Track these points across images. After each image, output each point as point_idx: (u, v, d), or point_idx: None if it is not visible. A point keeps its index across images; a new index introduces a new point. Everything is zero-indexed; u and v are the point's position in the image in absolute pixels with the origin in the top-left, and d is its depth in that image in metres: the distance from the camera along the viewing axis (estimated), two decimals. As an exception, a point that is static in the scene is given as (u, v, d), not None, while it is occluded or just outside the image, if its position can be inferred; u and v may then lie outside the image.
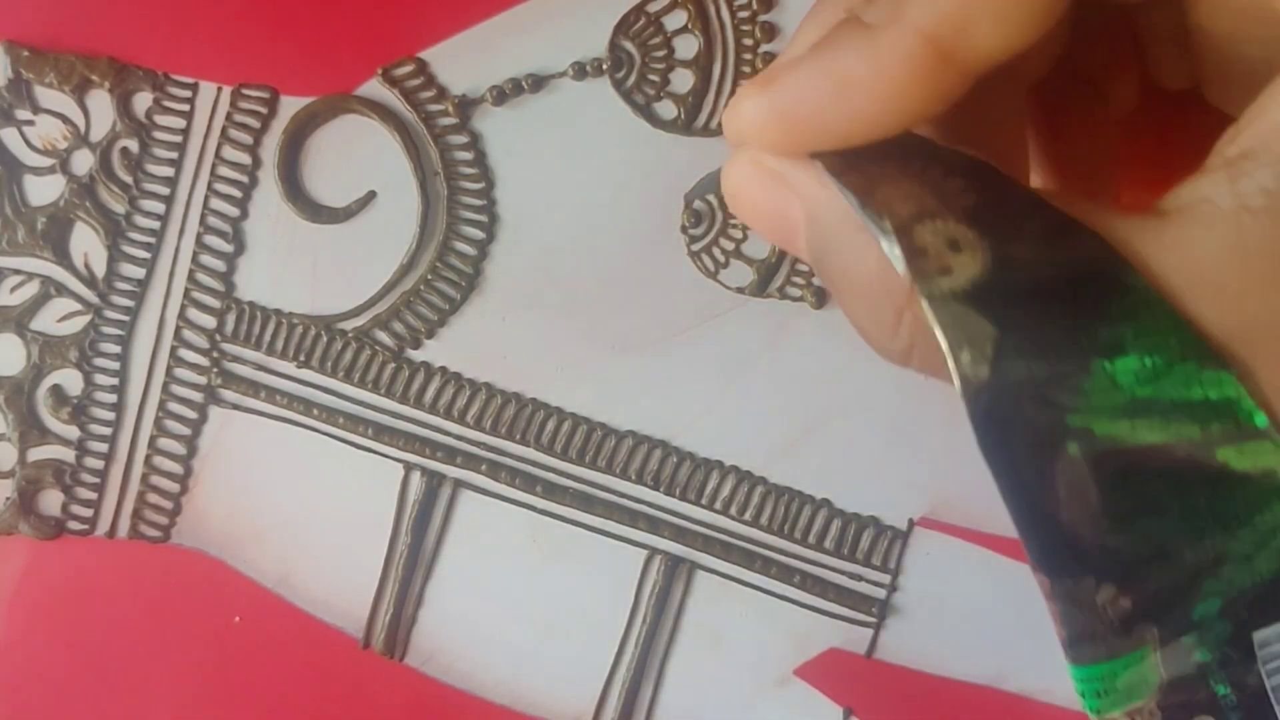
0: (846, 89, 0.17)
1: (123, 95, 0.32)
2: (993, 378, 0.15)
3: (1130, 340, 0.16)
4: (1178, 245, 0.16)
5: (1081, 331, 0.16)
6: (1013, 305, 0.16)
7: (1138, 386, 0.16)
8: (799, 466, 0.34)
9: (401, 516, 0.33)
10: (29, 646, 0.33)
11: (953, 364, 0.15)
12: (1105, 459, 0.16)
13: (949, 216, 0.16)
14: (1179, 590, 0.16)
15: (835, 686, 0.34)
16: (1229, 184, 0.16)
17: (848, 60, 0.17)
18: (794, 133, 0.18)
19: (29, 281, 0.33)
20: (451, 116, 0.33)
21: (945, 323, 0.16)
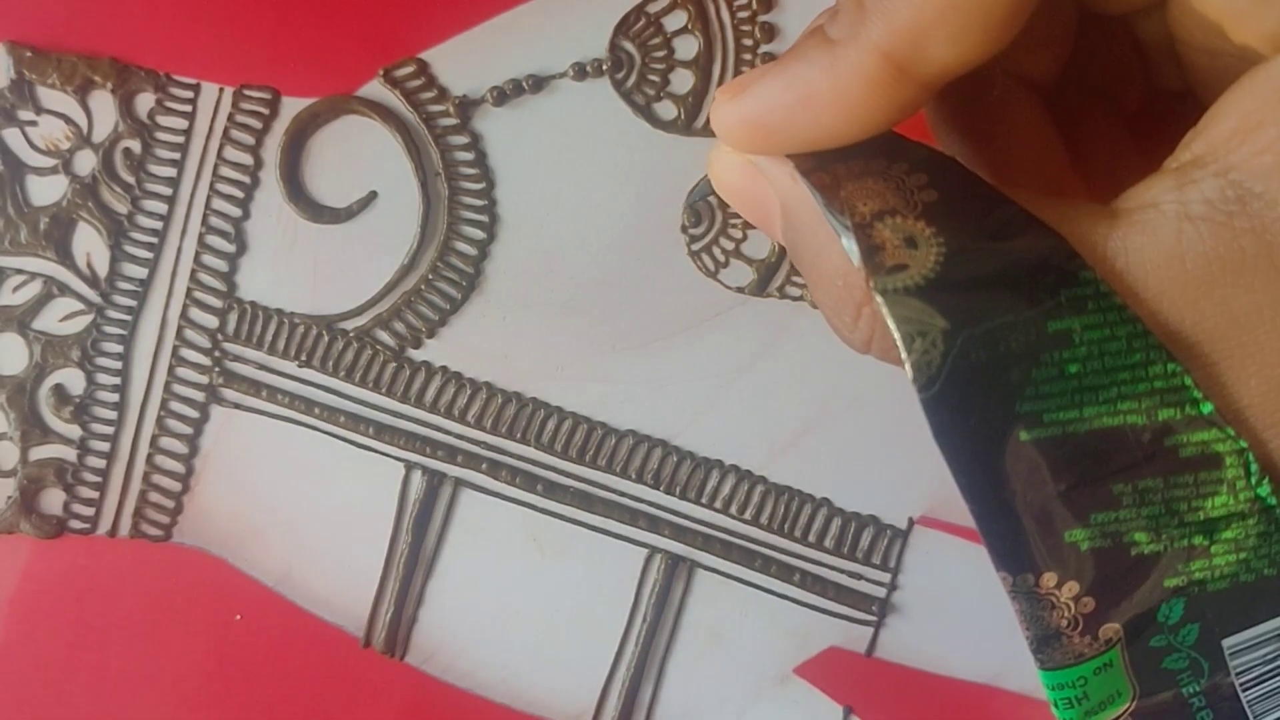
0: (809, 101, 0.18)
1: (125, 96, 0.33)
2: (943, 368, 0.16)
3: (1079, 332, 0.16)
4: (1125, 249, 0.17)
5: (1031, 324, 0.16)
6: (964, 299, 0.16)
7: (1086, 376, 0.16)
8: (799, 465, 0.34)
9: (402, 515, 0.33)
10: (30, 645, 0.33)
11: (905, 355, 0.16)
12: (1056, 445, 0.16)
13: (908, 214, 0.17)
14: (1140, 587, 0.17)
15: (835, 685, 0.34)
16: (1176, 190, 0.17)
17: (811, 73, 0.18)
18: (762, 139, 0.19)
19: (31, 281, 0.33)
20: (452, 117, 0.33)
21: (898, 316, 0.16)
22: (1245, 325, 0.16)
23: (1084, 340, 0.16)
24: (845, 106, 0.18)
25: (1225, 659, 0.17)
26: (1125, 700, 0.17)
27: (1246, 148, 0.16)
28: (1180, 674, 0.17)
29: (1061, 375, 0.16)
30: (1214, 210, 0.16)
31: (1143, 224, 0.17)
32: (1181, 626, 0.17)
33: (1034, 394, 0.16)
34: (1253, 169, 0.16)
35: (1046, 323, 0.16)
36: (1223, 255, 0.16)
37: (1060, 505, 0.16)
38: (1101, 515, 0.16)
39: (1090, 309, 0.16)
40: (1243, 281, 0.16)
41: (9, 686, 0.33)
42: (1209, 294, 0.16)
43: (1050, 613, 0.16)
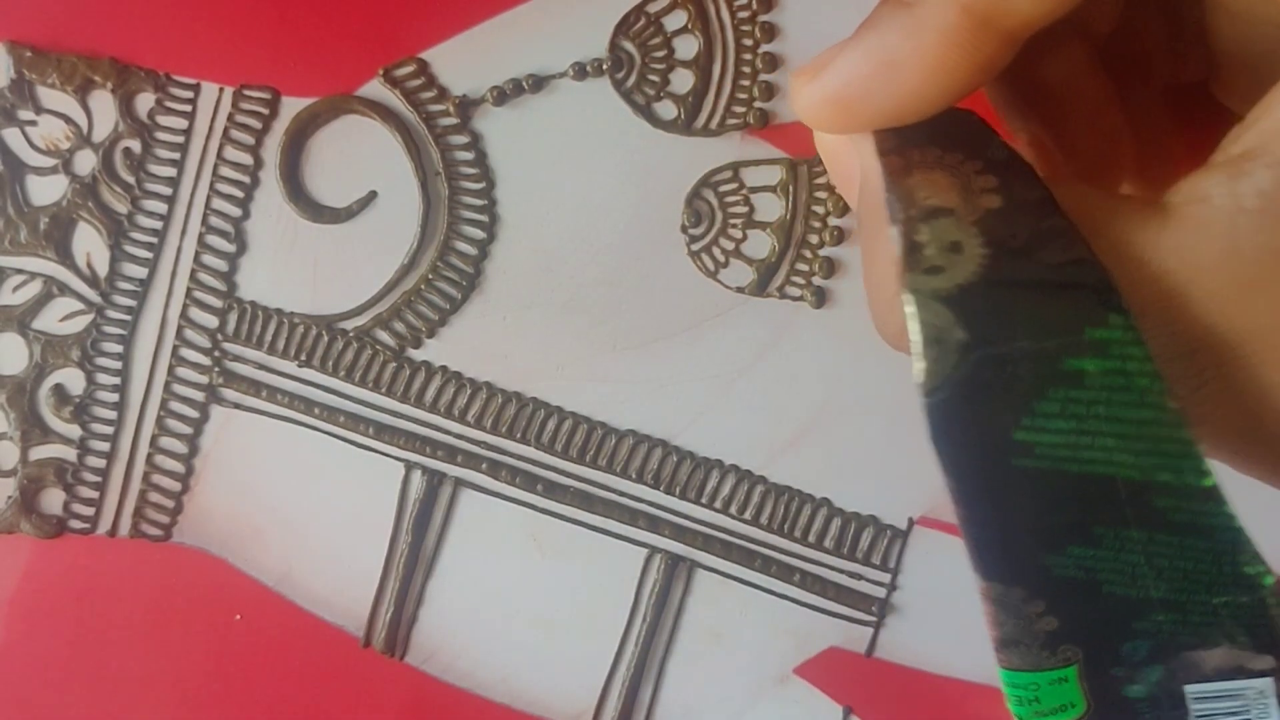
0: (891, 68, 0.17)
1: (125, 96, 0.33)
2: (952, 379, 0.16)
3: (1092, 375, 0.16)
4: (1174, 249, 0.16)
5: (1047, 357, 0.16)
6: (989, 316, 0.16)
7: (1088, 420, 0.16)
8: (799, 465, 0.34)
9: (402, 515, 0.33)
10: (30, 645, 0.33)
11: (919, 358, 0.16)
12: (1045, 478, 0.16)
13: (964, 217, 0.17)
14: (1107, 622, 0.17)
15: (835, 685, 0.34)
16: (1228, 183, 0.16)
17: (890, 39, 0.17)
18: (848, 115, 0.18)
19: (31, 281, 0.33)
20: (452, 117, 0.33)
21: (922, 319, 0.16)
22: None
23: (1096, 385, 0.16)
24: (928, 68, 0.17)
25: (1187, 702, 0.18)
26: (1078, 712, 0.17)
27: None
28: (1140, 703, 0.18)
29: (1064, 414, 0.16)
30: (1270, 202, 0.16)
31: (1195, 219, 0.16)
32: (1145, 665, 0.17)
33: (1032, 425, 0.16)
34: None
35: (1064, 358, 0.16)
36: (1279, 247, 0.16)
37: (1041, 532, 0.16)
38: (1079, 550, 0.16)
39: (1112, 354, 0.16)
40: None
41: (9, 686, 0.33)
42: (1265, 290, 0.16)
43: (1015, 621, 0.16)
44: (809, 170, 0.33)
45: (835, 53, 0.18)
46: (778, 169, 0.33)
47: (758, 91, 0.33)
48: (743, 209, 0.33)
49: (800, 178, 0.33)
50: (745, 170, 0.33)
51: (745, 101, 0.33)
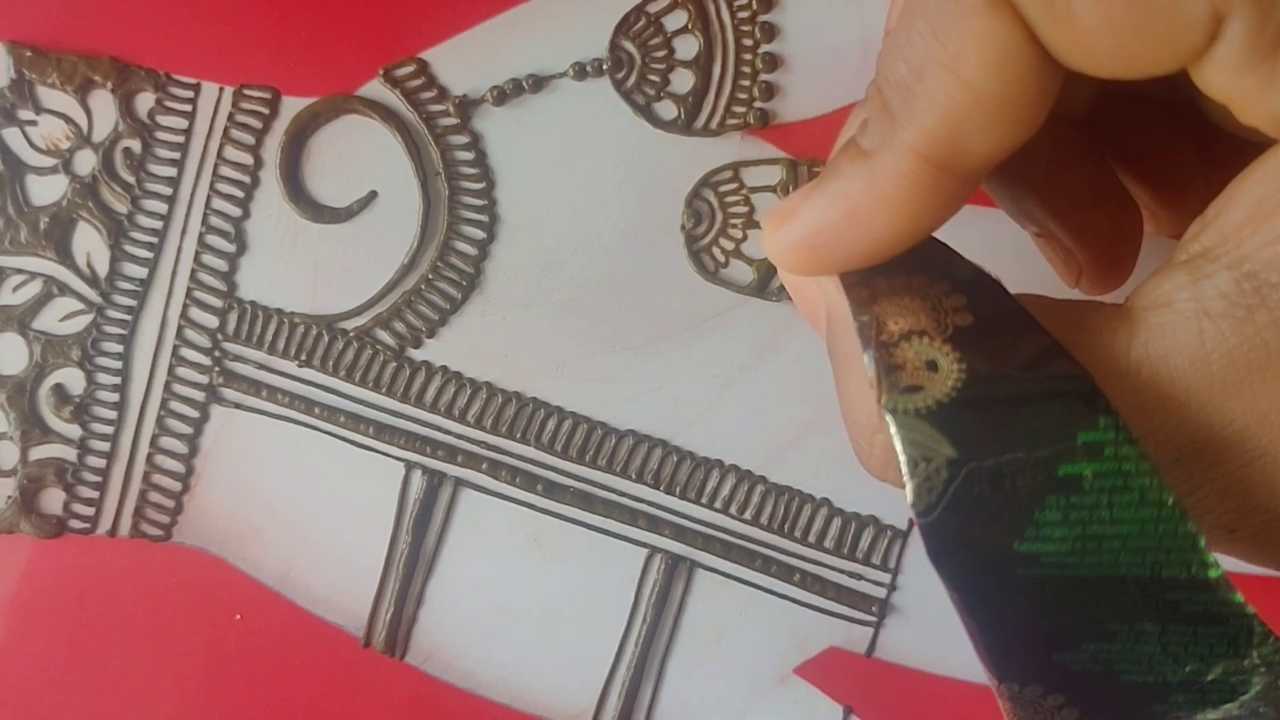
0: (855, 215, 0.18)
1: (125, 95, 0.33)
2: (944, 497, 0.16)
3: (1089, 480, 0.16)
4: (1145, 361, 0.16)
5: (1041, 465, 0.16)
6: (975, 429, 0.16)
7: (1091, 525, 0.16)
8: (799, 465, 0.34)
9: (402, 515, 0.33)
10: (30, 645, 0.33)
11: (907, 478, 0.16)
12: (1054, 584, 0.16)
13: (937, 335, 0.17)
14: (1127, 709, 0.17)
15: (835, 685, 0.34)
16: (1190, 286, 0.16)
17: (851, 187, 0.18)
18: (816, 260, 0.19)
19: (31, 281, 0.33)
20: (452, 117, 0.33)
21: (905, 438, 0.16)
22: (1278, 421, 0.16)
23: (1094, 488, 0.16)
24: (891, 214, 0.18)
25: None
26: None
27: (1259, 237, 0.16)
28: None
29: (1065, 521, 0.16)
30: (1232, 305, 0.16)
31: (1161, 327, 0.16)
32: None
33: (1034, 535, 0.16)
34: (1267, 259, 0.16)
35: (1058, 465, 0.16)
36: (1247, 352, 0.16)
37: (1052, 633, 0.16)
38: (1094, 646, 0.16)
39: (1106, 455, 0.16)
40: (1270, 376, 0.16)
41: (9, 686, 0.33)
42: (1238, 393, 0.16)
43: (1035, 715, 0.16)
44: (809, 170, 0.33)
45: (800, 199, 0.19)
46: (778, 169, 0.33)
47: (758, 91, 0.33)
48: (743, 209, 0.33)
49: (800, 177, 0.33)
50: (745, 170, 0.33)
51: (745, 101, 0.33)
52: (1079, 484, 0.16)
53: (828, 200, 0.18)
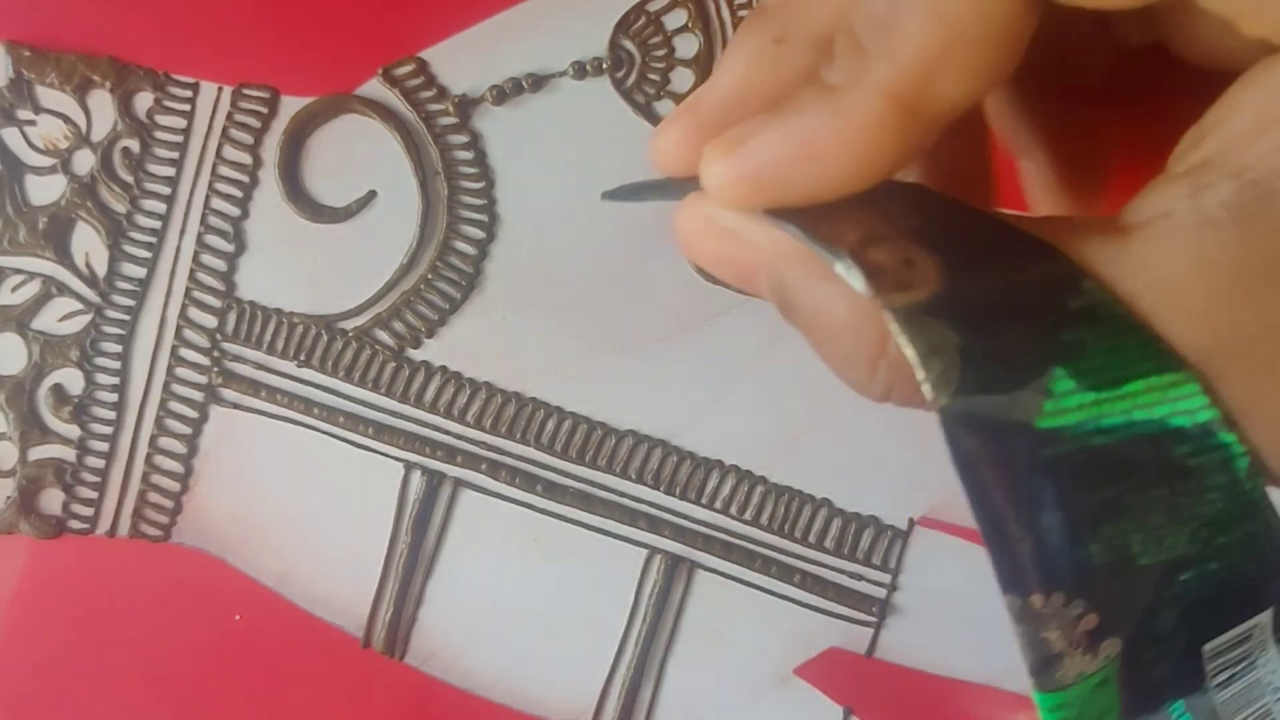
0: (814, 154, 0.17)
1: (124, 95, 0.32)
2: (962, 385, 0.16)
3: (1091, 342, 0.16)
4: (1141, 269, 0.16)
5: (1043, 335, 0.16)
6: (974, 314, 0.16)
7: (1101, 388, 0.16)
8: (799, 466, 0.34)
9: (402, 515, 0.33)
10: (29, 645, 0.33)
11: (922, 375, 0.16)
12: (1072, 461, 0.16)
13: (898, 238, 0.17)
14: (1141, 600, 0.17)
15: (835, 686, 0.34)
16: (1190, 197, 0.16)
17: (814, 125, 0.17)
18: (760, 195, 0.18)
19: (30, 281, 0.33)
20: (452, 116, 0.33)
21: (912, 335, 0.16)
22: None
23: (1097, 350, 0.16)
24: (852, 155, 0.17)
25: (1204, 664, 0.17)
26: (1114, 715, 0.17)
27: (1263, 144, 0.16)
28: (1164, 684, 0.17)
29: (1078, 388, 0.16)
30: (1236, 214, 0.15)
31: (1159, 236, 0.16)
32: (1172, 635, 0.17)
33: (1053, 409, 0.16)
34: (1273, 167, 0.15)
35: (1059, 333, 0.16)
36: (1252, 259, 0.15)
37: (1074, 521, 0.16)
38: (1110, 528, 0.16)
39: (1100, 316, 0.16)
40: (1276, 284, 0.15)
41: (9, 686, 0.33)
42: (1244, 301, 0.16)
43: (1054, 635, 0.16)
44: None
45: (753, 130, 0.18)
46: (778, 168, 0.33)
47: (758, 91, 0.33)
48: (743, 208, 0.33)
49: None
50: (745, 170, 0.33)
51: (745, 101, 0.33)
52: (1083, 347, 0.16)
53: (785, 135, 0.17)
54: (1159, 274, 0.16)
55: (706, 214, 0.19)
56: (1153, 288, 0.16)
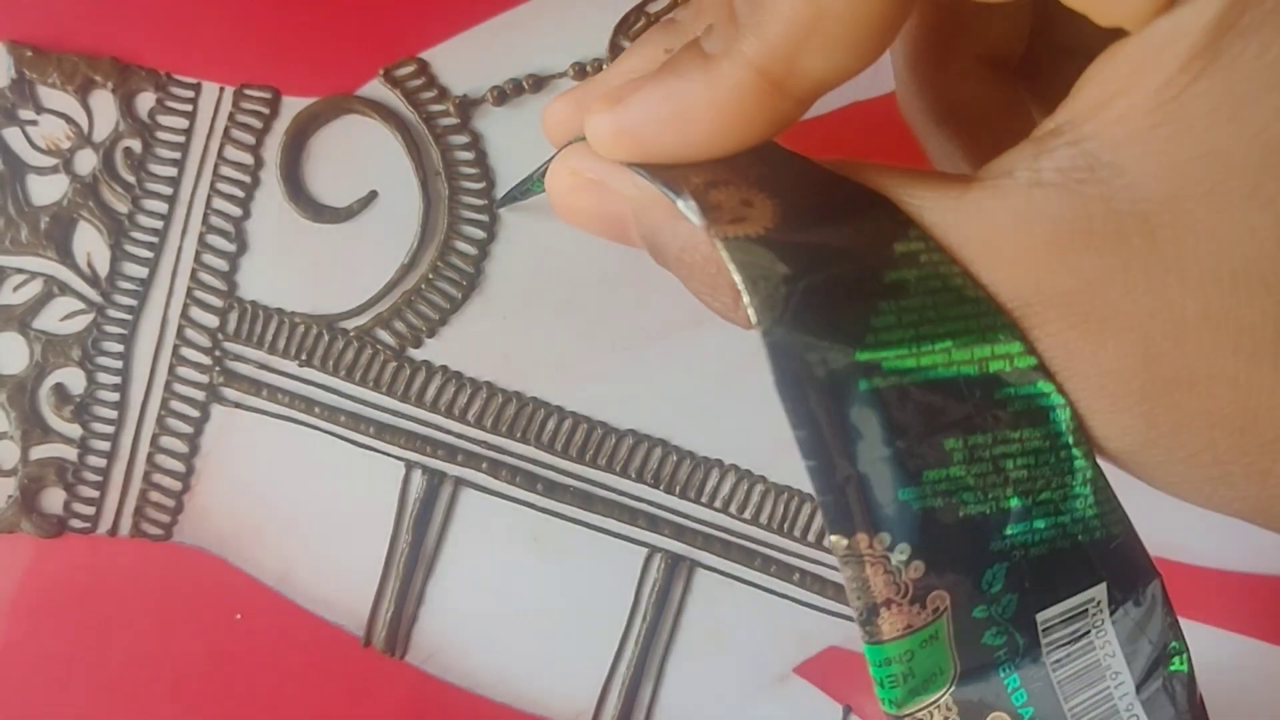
0: (685, 115, 0.18)
1: (125, 95, 0.33)
2: (786, 311, 0.16)
3: (912, 283, 0.17)
4: (971, 215, 0.17)
5: (868, 273, 0.17)
6: (803, 248, 0.17)
7: (923, 325, 0.17)
8: (799, 465, 0.33)
9: (402, 515, 0.33)
10: (30, 645, 0.33)
11: (747, 298, 0.16)
12: (894, 397, 0.16)
13: (740, 183, 0.18)
14: (967, 551, 0.17)
15: (835, 684, 0.34)
16: (1031, 160, 0.17)
17: (686, 88, 0.18)
18: (636, 149, 0.19)
19: (32, 280, 0.33)
20: (453, 116, 0.33)
21: (739, 262, 0.16)
22: (1098, 289, 0.16)
23: (918, 290, 0.17)
24: (719, 120, 0.18)
25: (1039, 635, 0.18)
26: (947, 678, 0.17)
27: (1101, 117, 0.16)
28: (998, 650, 0.17)
29: (899, 324, 0.16)
30: (1064, 177, 0.16)
31: (995, 191, 0.17)
32: (1002, 596, 0.17)
33: (874, 341, 0.16)
34: (1105, 139, 0.16)
35: (884, 272, 0.17)
36: (1071, 220, 0.16)
37: (896, 462, 0.16)
38: (934, 473, 0.16)
39: (923, 261, 0.17)
40: (1093, 246, 0.16)
41: (9, 686, 0.33)
42: (1061, 259, 0.16)
43: (880, 579, 0.16)
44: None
45: (635, 88, 0.19)
46: (778, 169, 0.33)
47: (758, 91, 0.33)
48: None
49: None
50: (745, 170, 0.33)
51: (745, 101, 0.33)
52: (905, 288, 0.17)
53: (661, 96, 0.18)
54: (986, 223, 0.17)
55: (573, 167, 0.21)
56: (978, 235, 0.17)
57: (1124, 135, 0.16)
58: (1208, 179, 0.15)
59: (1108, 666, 0.18)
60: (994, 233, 0.17)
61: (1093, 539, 0.17)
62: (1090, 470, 0.17)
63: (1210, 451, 0.17)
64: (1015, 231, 0.17)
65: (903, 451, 0.16)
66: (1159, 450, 0.17)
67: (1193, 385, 0.16)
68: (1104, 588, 0.18)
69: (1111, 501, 0.18)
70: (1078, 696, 0.18)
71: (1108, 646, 0.18)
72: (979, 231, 0.17)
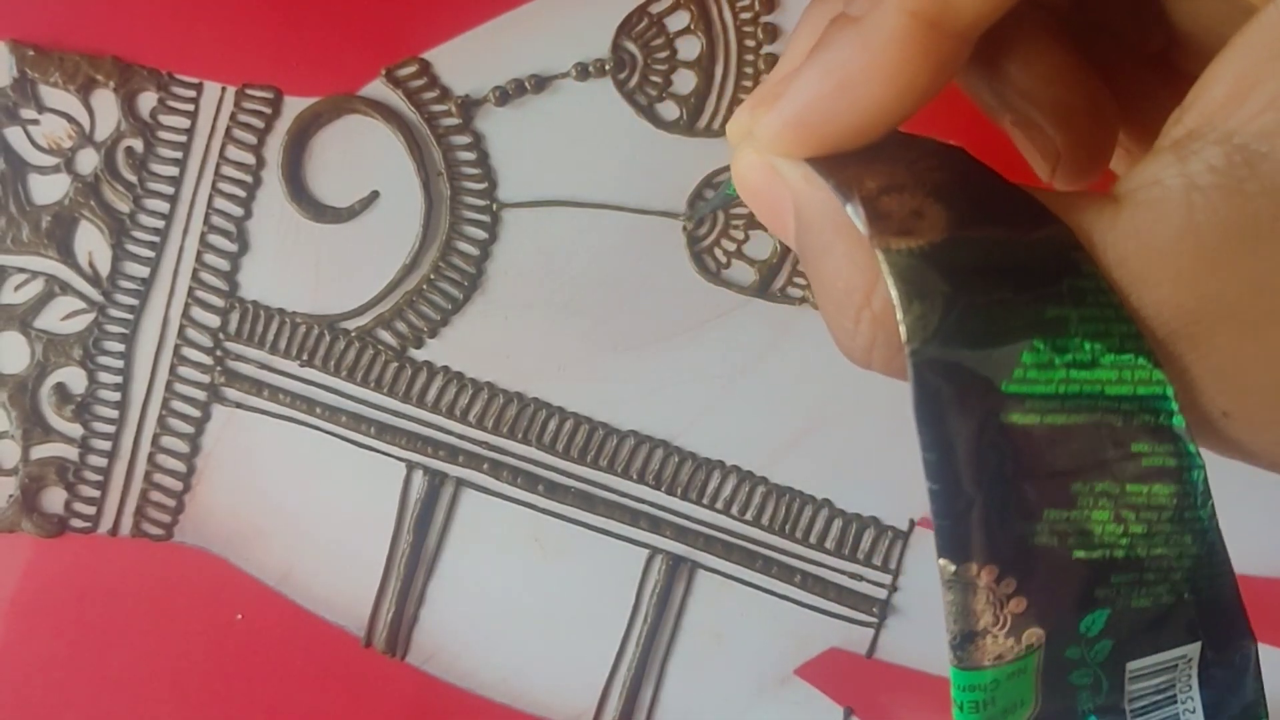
0: (849, 83, 0.17)
1: (127, 95, 0.33)
2: (939, 332, 0.16)
3: (1075, 322, 0.16)
4: (1131, 232, 0.16)
5: (1030, 305, 0.16)
6: (967, 270, 0.16)
7: (1074, 369, 0.16)
8: (800, 466, 0.34)
9: (403, 515, 0.33)
10: (31, 644, 0.33)
11: (901, 314, 0.16)
12: (1031, 432, 0.16)
13: (916, 190, 0.17)
14: (1072, 594, 0.17)
15: (836, 686, 0.34)
16: (1178, 165, 0.16)
17: (843, 54, 0.17)
18: (809, 138, 0.18)
19: (33, 280, 0.33)
20: (454, 117, 0.33)
21: (899, 275, 0.16)
22: (1270, 290, 0.15)
23: (1078, 331, 0.16)
24: (885, 77, 0.17)
25: (1125, 682, 0.17)
26: (1027, 711, 0.17)
27: (1246, 109, 0.16)
28: (1081, 690, 0.17)
29: (1051, 364, 0.16)
30: (1223, 177, 0.15)
31: (1148, 203, 0.16)
32: (1098, 641, 0.17)
33: (1021, 376, 0.16)
34: (1256, 130, 0.15)
35: (1045, 307, 0.16)
36: (1239, 221, 0.15)
37: (1020, 496, 0.16)
38: (1055, 513, 0.16)
39: (1090, 302, 0.16)
40: (1263, 246, 0.15)
41: (9, 686, 0.33)
42: (1230, 264, 0.15)
43: (981, 608, 0.16)
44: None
45: (790, 79, 0.18)
46: (780, 170, 0.33)
47: (760, 92, 0.33)
48: (745, 210, 0.33)
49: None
50: (747, 171, 0.33)
51: (747, 102, 0.33)
52: (1065, 326, 0.16)
53: (819, 72, 0.18)
54: (1147, 238, 0.16)
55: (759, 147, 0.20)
56: (1140, 251, 0.16)
57: (1276, 122, 0.15)
58: None
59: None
60: (1155, 249, 0.16)
61: (1198, 597, 0.17)
62: (1212, 533, 0.17)
63: None
64: (1180, 241, 0.16)
65: (1029, 488, 0.16)
66: None
67: None
68: (1199, 647, 0.17)
69: (1225, 564, 0.17)
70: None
71: (1190, 703, 0.18)
72: (1138, 249, 0.16)
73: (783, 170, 0.19)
